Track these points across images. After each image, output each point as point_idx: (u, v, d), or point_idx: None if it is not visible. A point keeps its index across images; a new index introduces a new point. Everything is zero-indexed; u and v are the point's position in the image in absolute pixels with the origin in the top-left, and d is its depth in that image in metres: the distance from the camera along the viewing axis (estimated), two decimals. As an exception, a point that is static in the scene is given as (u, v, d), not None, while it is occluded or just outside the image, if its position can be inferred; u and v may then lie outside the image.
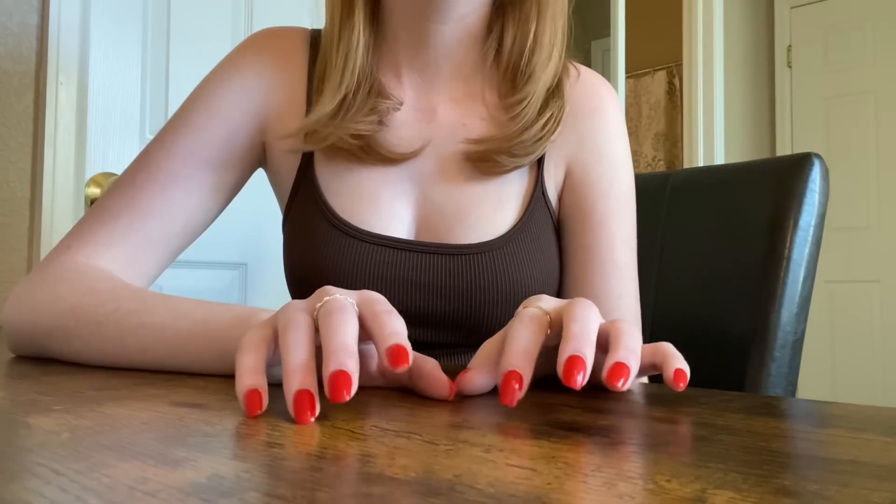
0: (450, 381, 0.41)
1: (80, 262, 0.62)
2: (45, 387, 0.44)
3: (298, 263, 0.70)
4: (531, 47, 0.69)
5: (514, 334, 0.40)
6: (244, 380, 0.36)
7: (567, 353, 0.37)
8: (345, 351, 0.35)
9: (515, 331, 0.40)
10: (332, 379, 0.34)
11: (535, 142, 0.68)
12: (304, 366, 0.35)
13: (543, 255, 0.70)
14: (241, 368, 0.37)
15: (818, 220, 0.83)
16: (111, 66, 1.47)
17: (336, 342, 0.36)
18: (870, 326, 3.09)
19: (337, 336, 0.36)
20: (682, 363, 0.40)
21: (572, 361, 0.36)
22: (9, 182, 1.39)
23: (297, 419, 0.34)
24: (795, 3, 3.34)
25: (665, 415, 0.37)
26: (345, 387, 0.34)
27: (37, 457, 0.27)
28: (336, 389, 0.34)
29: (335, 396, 0.34)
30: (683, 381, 0.39)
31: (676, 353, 0.41)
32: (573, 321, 0.39)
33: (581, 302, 0.41)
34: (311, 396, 0.34)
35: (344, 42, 0.68)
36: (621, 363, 0.37)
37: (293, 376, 0.35)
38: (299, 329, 0.37)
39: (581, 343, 0.37)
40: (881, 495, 0.23)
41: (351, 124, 0.66)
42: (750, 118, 3.21)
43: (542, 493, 0.23)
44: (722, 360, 0.84)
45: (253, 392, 0.35)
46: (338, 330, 0.36)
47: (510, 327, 0.41)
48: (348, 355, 0.35)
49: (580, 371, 0.36)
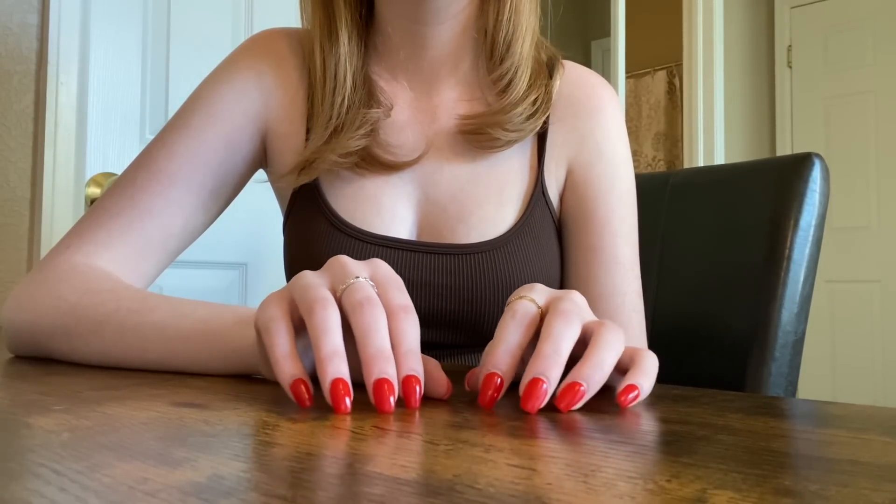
0: (448, 380, 0.41)
1: (79, 262, 0.62)
2: (45, 387, 0.44)
3: (299, 265, 0.70)
4: (509, 17, 0.69)
5: (502, 333, 0.40)
6: (285, 369, 0.37)
7: (531, 375, 0.37)
8: (385, 357, 0.36)
9: (504, 329, 0.40)
10: (377, 387, 0.35)
11: (526, 118, 0.68)
12: (339, 352, 0.36)
13: (544, 255, 0.70)
14: (276, 357, 0.37)
15: (818, 220, 0.83)
16: (111, 66, 1.47)
17: (375, 346, 0.36)
18: (870, 326, 3.09)
19: (375, 339, 0.37)
20: (639, 378, 0.39)
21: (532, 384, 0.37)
22: (9, 182, 1.39)
23: (336, 408, 0.35)
24: (795, 3, 3.34)
25: (665, 415, 0.37)
26: (391, 394, 0.35)
27: (37, 457, 0.27)
28: (382, 398, 0.35)
29: (382, 406, 0.35)
30: (626, 396, 0.38)
31: (645, 368, 0.40)
32: (546, 340, 0.39)
33: (562, 311, 0.40)
34: (347, 386, 0.35)
35: (329, 75, 0.68)
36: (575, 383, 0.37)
37: (330, 363, 0.36)
38: (327, 310, 0.38)
39: (546, 365, 0.37)
40: (881, 495, 0.23)
41: (343, 142, 0.66)
42: (750, 118, 3.21)
43: (542, 493, 0.23)
44: (722, 360, 0.84)
45: (298, 382, 0.36)
46: (374, 332, 0.37)
47: (500, 322, 0.41)
48: (388, 362, 0.36)
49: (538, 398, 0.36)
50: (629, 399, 0.38)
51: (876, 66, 3.14)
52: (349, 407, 0.35)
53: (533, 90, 0.69)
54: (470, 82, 0.72)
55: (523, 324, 0.40)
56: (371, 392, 0.35)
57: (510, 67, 0.69)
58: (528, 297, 0.42)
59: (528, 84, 0.69)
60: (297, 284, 0.40)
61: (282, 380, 0.37)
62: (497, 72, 0.70)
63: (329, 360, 0.36)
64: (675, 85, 3.89)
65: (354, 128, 0.67)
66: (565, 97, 0.73)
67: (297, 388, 0.36)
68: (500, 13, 0.69)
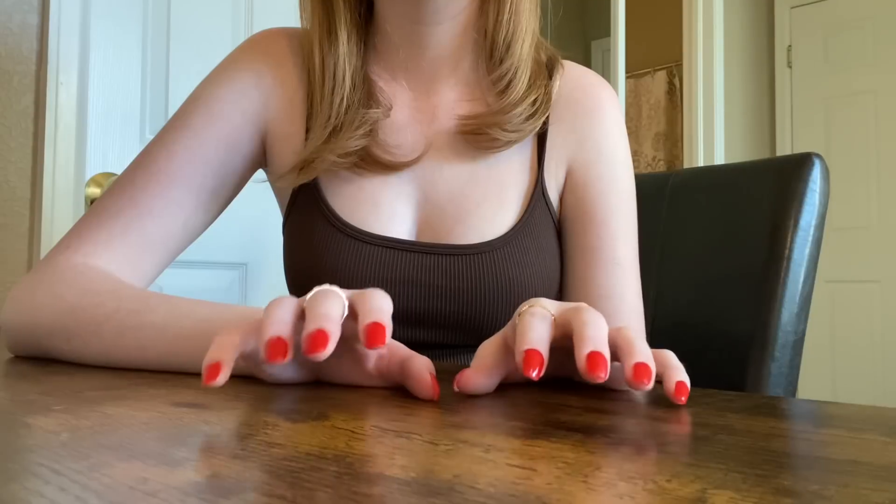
0: (434, 383, 0.40)
1: (79, 263, 0.62)
2: (45, 387, 0.44)
3: (299, 265, 0.70)
4: (509, 18, 0.69)
5: (528, 325, 0.40)
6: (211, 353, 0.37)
7: (587, 349, 0.37)
8: (324, 316, 0.36)
9: (527, 323, 0.40)
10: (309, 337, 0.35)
11: (526, 118, 0.68)
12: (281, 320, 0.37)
13: (544, 255, 0.70)
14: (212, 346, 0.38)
15: (818, 220, 0.83)
16: (111, 66, 1.47)
17: (316, 311, 0.37)
18: (870, 326, 3.09)
19: (319, 307, 0.37)
20: (682, 375, 0.40)
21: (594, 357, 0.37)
22: (9, 182, 1.39)
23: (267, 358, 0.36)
24: (795, 3, 3.34)
25: (665, 415, 0.37)
26: (321, 343, 0.35)
27: (37, 457, 0.27)
28: (313, 344, 0.35)
29: (311, 349, 0.35)
30: (684, 395, 0.40)
31: (678, 364, 0.41)
32: (586, 325, 0.39)
33: (587, 309, 0.41)
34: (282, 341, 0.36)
35: (328, 74, 0.68)
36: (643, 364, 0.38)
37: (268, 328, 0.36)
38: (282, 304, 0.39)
39: (599, 343, 0.38)
40: (881, 495, 0.23)
41: (342, 142, 0.66)
42: (750, 118, 3.21)
43: (542, 493, 0.23)
44: (722, 360, 0.84)
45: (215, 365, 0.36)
46: (321, 304, 0.38)
47: (521, 321, 0.41)
48: (327, 319, 0.36)
49: (603, 365, 0.37)
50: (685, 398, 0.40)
51: (876, 66, 3.15)
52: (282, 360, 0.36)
53: (532, 90, 0.69)
54: (469, 82, 0.72)
55: (545, 321, 0.41)
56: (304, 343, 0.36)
57: (510, 68, 0.69)
58: (540, 305, 0.42)
59: (528, 84, 0.69)
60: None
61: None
62: (497, 72, 0.70)
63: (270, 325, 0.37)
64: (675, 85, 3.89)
65: (353, 128, 0.67)
66: (565, 97, 0.73)
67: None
68: (499, 13, 0.69)
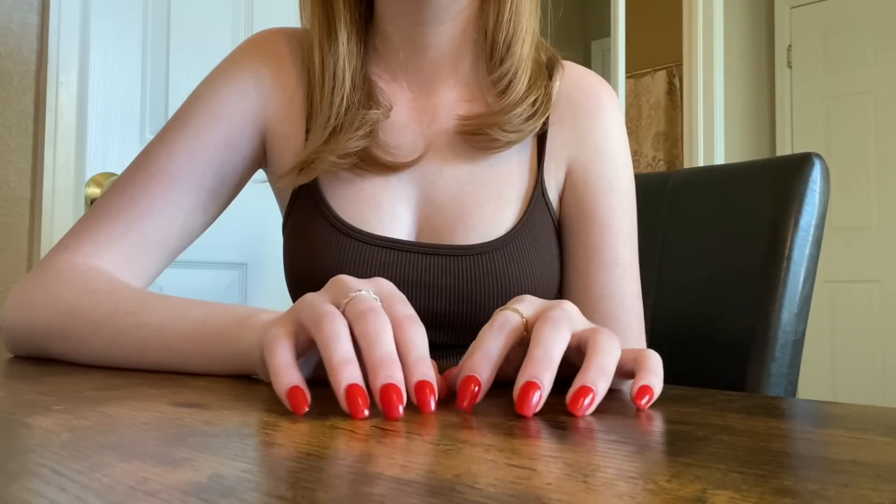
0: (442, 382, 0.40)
1: (78, 263, 0.62)
2: (45, 387, 0.44)
3: (299, 265, 0.70)
4: (509, 18, 0.69)
5: (480, 340, 0.40)
6: (283, 378, 0.36)
7: (524, 378, 0.37)
8: (391, 362, 0.36)
9: (483, 337, 0.40)
10: (384, 392, 0.34)
11: (526, 119, 0.68)
12: (351, 359, 0.36)
13: (544, 256, 0.70)
14: (275, 366, 0.37)
15: (818, 220, 0.83)
16: (111, 66, 1.47)
17: (381, 351, 0.36)
18: (870, 326, 3.09)
19: (381, 345, 0.36)
20: (651, 379, 0.39)
21: (527, 387, 0.36)
22: (9, 182, 1.39)
23: (353, 415, 0.34)
24: (795, 3, 3.34)
25: (665, 415, 0.37)
26: (399, 400, 0.34)
27: (37, 457, 0.27)
28: (390, 403, 0.34)
29: (390, 411, 0.34)
30: (643, 398, 0.38)
31: (653, 367, 0.40)
32: (536, 345, 0.38)
33: (550, 318, 0.40)
34: (362, 391, 0.35)
35: (328, 74, 0.68)
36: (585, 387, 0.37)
37: (342, 370, 0.35)
38: (336, 321, 0.37)
39: (538, 368, 0.37)
40: (881, 495, 0.23)
41: (342, 143, 0.66)
42: (750, 118, 3.21)
43: (542, 493, 0.23)
44: (722, 360, 0.84)
45: (295, 389, 0.35)
46: (380, 338, 0.37)
47: (480, 332, 0.41)
48: (395, 366, 0.36)
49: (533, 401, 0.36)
50: (646, 402, 0.38)
51: (876, 66, 3.14)
52: (367, 413, 0.34)
53: (533, 91, 0.69)
54: (469, 83, 0.72)
55: (502, 332, 0.41)
56: (378, 398, 0.35)
57: (510, 68, 0.69)
58: (512, 308, 0.42)
59: (528, 85, 0.69)
60: (301, 306, 0.40)
61: (278, 389, 0.36)
62: (497, 72, 0.70)
63: (342, 366, 0.35)
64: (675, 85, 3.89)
65: (353, 128, 0.67)
66: (565, 98, 0.73)
67: (292, 395, 0.35)
68: (500, 14, 0.69)
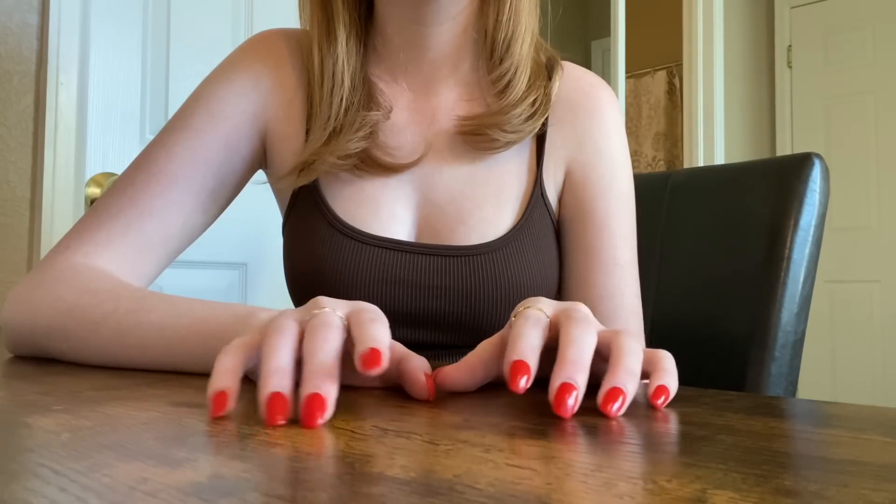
0: (430, 383, 0.40)
1: (78, 263, 0.62)
2: (45, 387, 0.44)
3: (299, 266, 0.70)
4: (508, 17, 0.69)
5: (519, 331, 0.39)
6: (215, 381, 0.35)
7: (559, 380, 0.36)
8: (323, 372, 0.34)
9: (520, 328, 0.39)
10: (306, 402, 0.33)
11: (525, 119, 0.68)
12: (281, 369, 0.35)
13: (543, 256, 0.70)
14: (216, 370, 0.36)
15: (818, 220, 0.83)
16: (111, 66, 1.47)
17: (315, 362, 0.35)
18: (870, 326, 3.09)
19: (318, 355, 0.35)
20: (667, 379, 0.39)
21: (564, 388, 0.36)
22: (9, 182, 1.39)
23: (267, 421, 0.33)
24: (795, 3, 3.34)
25: (665, 415, 0.37)
26: (318, 410, 0.33)
27: (37, 457, 0.27)
28: (309, 413, 0.33)
29: (308, 420, 0.33)
30: (660, 398, 0.38)
31: (668, 367, 0.40)
32: (569, 345, 0.38)
33: (577, 319, 0.40)
34: (283, 399, 0.33)
35: (327, 75, 0.68)
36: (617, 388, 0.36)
37: (268, 379, 0.34)
38: (283, 334, 0.37)
39: (574, 370, 0.37)
40: (881, 495, 0.23)
41: (342, 144, 0.66)
42: (750, 118, 3.21)
43: (542, 493, 0.23)
44: (722, 360, 0.84)
45: (220, 394, 0.34)
46: (320, 348, 0.36)
47: (513, 325, 0.40)
48: (326, 376, 0.34)
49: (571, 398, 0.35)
50: (662, 401, 0.38)
51: (876, 66, 3.14)
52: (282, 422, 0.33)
53: (532, 91, 0.69)
54: (469, 83, 0.72)
55: (538, 326, 0.40)
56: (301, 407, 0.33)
57: (509, 68, 0.69)
58: (536, 307, 0.42)
59: (528, 85, 0.69)
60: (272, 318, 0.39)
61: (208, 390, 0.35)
62: (496, 72, 0.70)
63: (267, 376, 0.34)
64: (675, 85, 3.89)
65: (353, 130, 0.67)
66: (564, 98, 0.73)
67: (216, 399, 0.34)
68: (499, 13, 0.69)
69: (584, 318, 0.40)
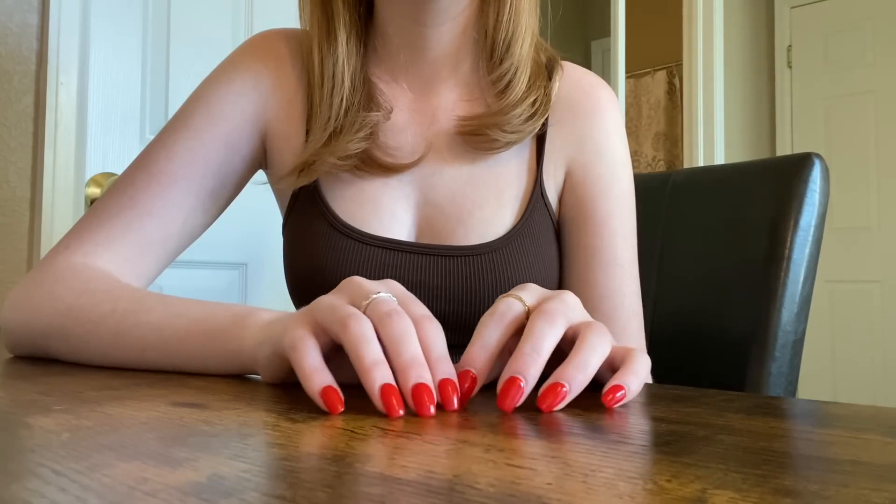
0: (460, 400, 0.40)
1: (78, 263, 0.62)
2: (45, 387, 0.44)
3: (299, 266, 0.70)
4: (509, 18, 0.69)
5: (479, 331, 0.41)
6: (314, 380, 0.37)
7: (507, 374, 0.38)
8: (419, 363, 0.36)
9: (482, 327, 0.41)
10: (416, 392, 0.35)
11: (525, 120, 0.68)
12: (382, 360, 0.36)
13: (543, 256, 0.70)
14: (305, 369, 0.37)
15: (818, 220, 0.83)
16: (111, 66, 1.47)
17: (409, 353, 0.37)
18: (870, 326, 3.09)
19: (408, 346, 0.37)
20: (627, 378, 0.39)
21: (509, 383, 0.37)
22: (9, 182, 1.39)
23: (389, 414, 0.35)
24: (795, 3, 3.34)
25: (665, 415, 0.37)
26: (430, 400, 0.35)
27: (37, 457, 0.27)
28: (422, 403, 0.35)
29: (422, 411, 0.35)
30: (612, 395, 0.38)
31: (634, 368, 0.40)
32: (527, 339, 0.39)
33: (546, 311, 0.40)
34: (396, 391, 0.35)
35: (327, 75, 0.68)
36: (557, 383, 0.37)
37: (375, 371, 0.36)
38: (363, 323, 0.38)
39: (525, 363, 0.38)
40: (881, 495, 0.23)
41: (342, 145, 0.66)
42: (750, 118, 3.21)
43: (542, 493, 0.23)
44: (722, 360, 0.84)
45: (329, 389, 0.36)
46: (406, 339, 0.37)
47: (480, 320, 0.42)
48: (424, 367, 0.36)
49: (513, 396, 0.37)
50: (614, 399, 0.39)
51: (876, 66, 3.14)
52: (402, 413, 0.35)
53: (532, 91, 0.69)
54: (470, 83, 0.72)
55: (503, 322, 0.41)
56: (410, 398, 0.35)
57: (509, 68, 0.69)
58: (516, 295, 0.42)
59: (528, 85, 0.69)
60: (319, 307, 0.40)
61: (311, 390, 0.37)
62: (496, 72, 0.70)
63: (374, 367, 0.36)
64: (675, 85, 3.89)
65: (354, 130, 0.67)
66: (564, 99, 0.73)
67: (327, 395, 0.36)
68: (499, 13, 0.69)
69: (554, 309, 0.41)
